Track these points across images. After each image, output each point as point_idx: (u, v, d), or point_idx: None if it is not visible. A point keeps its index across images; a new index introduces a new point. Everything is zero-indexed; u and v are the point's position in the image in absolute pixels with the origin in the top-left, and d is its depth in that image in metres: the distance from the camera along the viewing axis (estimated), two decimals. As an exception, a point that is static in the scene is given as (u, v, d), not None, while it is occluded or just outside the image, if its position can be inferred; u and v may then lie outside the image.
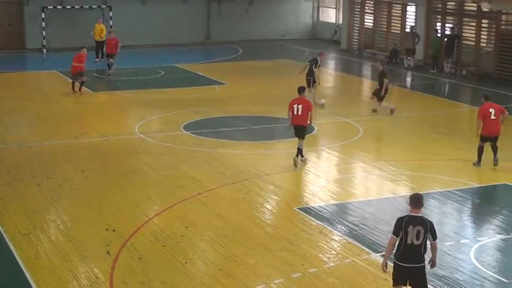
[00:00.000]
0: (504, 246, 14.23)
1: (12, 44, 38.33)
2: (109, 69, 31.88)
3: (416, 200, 10.65)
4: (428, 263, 10.80)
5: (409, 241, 10.43)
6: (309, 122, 19.19)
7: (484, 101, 19.42)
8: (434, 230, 10.58)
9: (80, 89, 27.70)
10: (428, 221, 10.58)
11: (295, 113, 18.80)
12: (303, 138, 18.92)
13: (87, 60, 28.91)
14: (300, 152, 18.82)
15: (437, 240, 10.72)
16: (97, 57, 35.14)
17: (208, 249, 13.89)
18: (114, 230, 14.52)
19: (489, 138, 18.88)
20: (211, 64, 36.19)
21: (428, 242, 10.60)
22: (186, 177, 17.95)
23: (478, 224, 15.40)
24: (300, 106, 18.80)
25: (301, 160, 18.96)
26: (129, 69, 33.30)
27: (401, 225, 10.50)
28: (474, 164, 18.96)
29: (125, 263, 13.07)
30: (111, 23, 39.32)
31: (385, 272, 10.93)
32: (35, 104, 26.94)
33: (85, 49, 28.38)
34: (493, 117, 18.83)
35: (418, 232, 10.41)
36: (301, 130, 18.93)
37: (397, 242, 10.57)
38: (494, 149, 18.95)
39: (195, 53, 39.92)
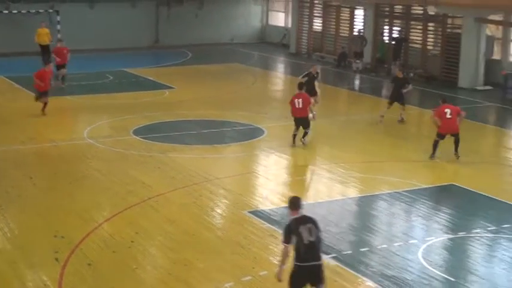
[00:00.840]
0: (451, 245, 14.43)
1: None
2: (62, 83, 30.13)
3: (295, 203, 10.82)
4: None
5: (305, 241, 10.45)
6: (311, 115, 21.65)
7: (441, 103, 20.03)
8: (318, 225, 10.75)
9: (43, 110, 25.05)
10: (312, 217, 10.81)
11: (297, 106, 20.89)
12: (307, 127, 21.08)
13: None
14: (305, 134, 21.05)
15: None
16: (45, 63, 34.78)
17: (159, 254, 13.83)
18: (62, 237, 14.37)
19: (445, 135, 19.91)
20: (160, 68, 36.06)
21: None
22: (136, 182, 17.84)
23: (425, 224, 15.56)
24: (300, 100, 20.90)
25: (302, 141, 20.91)
26: (77, 74, 32.92)
27: (292, 230, 10.55)
28: (430, 157, 19.81)
29: (74, 269, 12.94)
30: (58, 28, 38.95)
31: (280, 281, 10.68)
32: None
33: (51, 65, 27.26)
34: (448, 116, 19.57)
35: (310, 229, 10.55)
36: (302, 121, 21.04)
37: (295, 247, 10.47)
38: (456, 143, 19.77)
39: (144, 58, 39.74)
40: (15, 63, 36.42)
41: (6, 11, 38.74)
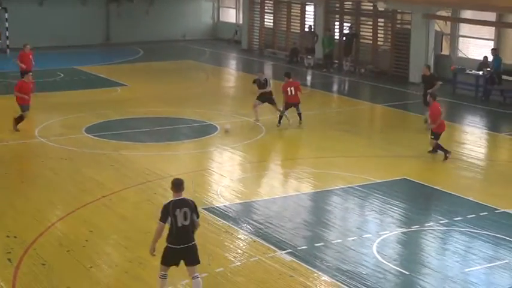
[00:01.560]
0: (405, 239, 14.57)
1: None
2: None
3: (177, 185, 11.22)
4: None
5: (179, 224, 10.95)
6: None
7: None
8: (197, 209, 11.26)
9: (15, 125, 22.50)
10: (191, 201, 11.27)
11: (289, 94, 22.99)
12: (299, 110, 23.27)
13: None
14: (300, 115, 23.34)
15: (199, 220, 11.38)
16: None
17: (114, 253, 13.74)
18: (15, 237, 14.18)
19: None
20: (111, 66, 35.80)
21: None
22: (89, 180, 17.70)
23: (379, 218, 15.67)
24: (292, 88, 23.09)
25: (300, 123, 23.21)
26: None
27: (169, 211, 11.00)
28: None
29: (28, 270, 12.78)
30: (6, 25, 38.45)
31: (153, 255, 11.24)
32: None
33: (31, 75, 24.33)
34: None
35: (185, 213, 11.00)
36: (296, 106, 23.21)
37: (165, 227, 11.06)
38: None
39: (95, 55, 39.40)
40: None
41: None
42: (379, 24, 34.23)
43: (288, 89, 23.00)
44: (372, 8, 33.85)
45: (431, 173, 18.69)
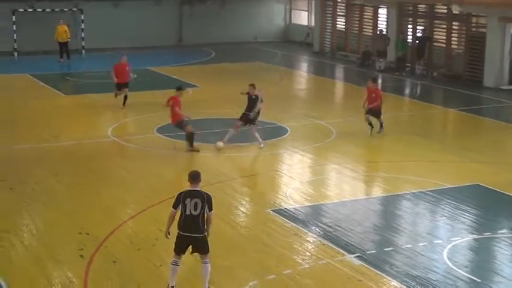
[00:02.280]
0: (476, 246, 14.35)
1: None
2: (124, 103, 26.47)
3: (193, 176, 11.78)
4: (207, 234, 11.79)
5: (187, 212, 11.47)
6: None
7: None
8: (211, 203, 11.66)
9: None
10: (206, 193, 11.69)
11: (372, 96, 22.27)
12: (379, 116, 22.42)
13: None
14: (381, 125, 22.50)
15: (214, 212, 11.78)
16: (61, 57, 35.41)
17: (183, 252, 13.87)
18: (87, 234, 14.44)
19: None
20: (184, 67, 36.16)
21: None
22: (160, 180, 17.93)
23: (450, 224, 15.48)
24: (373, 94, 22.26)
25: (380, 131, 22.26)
26: (101, 72, 33.14)
27: (180, 199, 11.59)
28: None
29: (99, 266, 13.00)
30: (82, 27, 39.17)
31: (168, 238, 11.83)
32: (6, 107, 26.73)
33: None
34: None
35: (196, 203, 11.47)
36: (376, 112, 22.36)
37: (177, 214, 11.66)
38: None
39: (167, 56, 39.85)
40: (40, 61, 36.70)
41: (31, 9, 39.00)
42: (453, 27, 33.79)
43: (370, 94, 22.54)
44: (446, 11, 33.40)
45: (505, 179, 18.30)
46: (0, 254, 13.51)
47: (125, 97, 25.29)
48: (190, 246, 11.77)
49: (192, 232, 11.59)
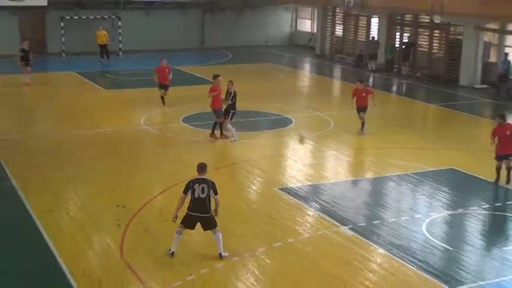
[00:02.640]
0: (450, 220, 14.43)
1: (35, 48, 37.98)
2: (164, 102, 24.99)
3: (200, 167, 12.18)
4: (213, 213, 12.09)
5: (196, 195, 11.86)
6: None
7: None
8: (215, 188, 12.02)
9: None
10: (210, 180, 12.08)
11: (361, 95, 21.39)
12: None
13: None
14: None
15: (218, 196, 12.06)
16: (101, 57, 35.59)
17: (203, 223, 13.99)
18: (123, 207, 14.59)
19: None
20: (205, 66, 36.11)
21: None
22: (183, 162, 17.98)
23: (429, 201, 15.53)
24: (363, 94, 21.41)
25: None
26: (134, 71, 33.29)
27: (190, 185, 11.97)
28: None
29: (133, 234, 13.16)
30: (119, 31, 39.25)
31: (174, 221, 12.04)
32: (56, 100, 26.92)
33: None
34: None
35: (203, 188, 11.86)
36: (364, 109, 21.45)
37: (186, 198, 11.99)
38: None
39: (191, 57, 39.80)
40: (84, 61, 36.80)
41: (76, 17, 39.08)
42: (435, 34, 33.61)
43: (359, 94, 21.58)
44: (428, 20, 33.26)
45: (475, 164, 18.31)
46: (51, 223, 13.69)
47: (162, 98, 24.80)
48: (200, 224, 12.06)
49: (200, 212, 11.93)
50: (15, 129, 21.54)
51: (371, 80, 33.24)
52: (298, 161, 18.70)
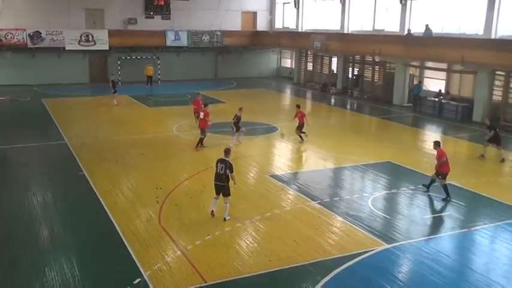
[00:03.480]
0: (388, 197, 14.32)
1: (100, 79, 38.00)
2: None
3: (225, 151, 12.42)
4: (233, 182, 12.26)
5: (217, 171, 12.21)
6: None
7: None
8: (232, 168, 12.14)
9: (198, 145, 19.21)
10: (229, 162, 12.20)
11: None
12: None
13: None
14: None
15: (234, 173, 12.19)
16: (146, 84, 35.53)
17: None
18: (161, 188, 14.47)
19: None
20: (218, 91, 36.00)
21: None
22: (203, 157, 17.88)
23: (373, 184, 15.42)
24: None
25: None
26: (169, 94, 33.09)
27: (216, 163, 12.27)
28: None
29: (167, 208, 13.04)
30: (158, 67, 39.12)
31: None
32: (114, 114, 26.73)
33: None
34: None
35: (222, 167, 12.13)
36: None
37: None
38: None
39: (208, 85, 39.68)
40: (134, 87, 36.63)
41: (129, 57, 38.94)
42: (376, 68, 33.55)
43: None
44: (371, 59, 33.21)
45: (405, 158, 18.22)
46: (110, 201, 13.56)
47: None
48: (220, 192, 12.25)
49: (219, 182, 12.20)
50: (88, 135, 21.39)
51: (332, 100, 33.16)
52: (282, 157, 18.59)
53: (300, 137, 20.39)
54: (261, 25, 44.00)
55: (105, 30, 37.39)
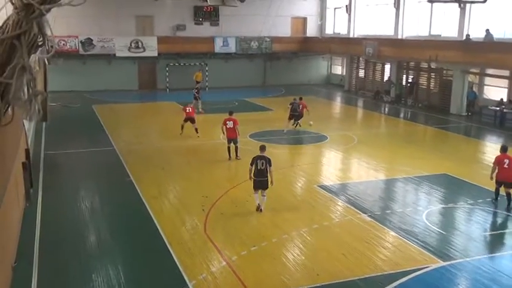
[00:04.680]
0: (444, 211, 13.89)
1: (149, 85, 38.93)
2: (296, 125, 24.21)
3: (261, 147, 13.61)
4: (271, 183, 13.22)
5: (258, 167, 13.16)
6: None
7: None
8: (271, 162, 13.22)
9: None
10: (267, 157, 13.28)
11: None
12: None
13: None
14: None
15: (272, 167, 13.25)
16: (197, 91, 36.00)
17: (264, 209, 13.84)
18: (207, 197, 14.59)
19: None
20: (266, 98, 36.14)
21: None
22: (247, 166, 17.86)
23: (428, 198, 15.02)
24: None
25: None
26: (217, 101, 33.48)
27: (254, 160, 13.23)
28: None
29: (213, 216, 13.13)
30: (207, 73, 39.65)
31: (251, 179, 13.36)
32: (161, 121, 27.28)
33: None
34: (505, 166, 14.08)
35: (263, 163, 13.14)
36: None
37: (253, 169, 13.24)
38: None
39: (256, 92, 39.88)
40: (183, 94, 37.27)
41: (177, 64, 39.73)
42: (432, 76, 32.77)
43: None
44: (427, 66, 32.46)
45: (463, 171, 17.65)
46: (156, 207, 13.79)
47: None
48: (261, 187, 13.16)
49: (261, 177, 13.14)
50: (135, 141, 21.90)
51: (386, 109, 32.57)
52: (331, 166, 18.39)
53: (297, 124, 23.33)
54: (311, 31, 43.91)
55: (154, 37, 38.37)
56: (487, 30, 27.28)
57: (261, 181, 13.12)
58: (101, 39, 37.15)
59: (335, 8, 42.49)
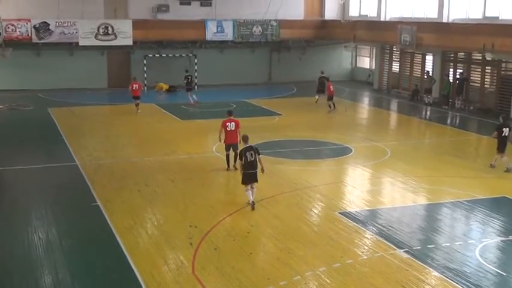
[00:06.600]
0: (503, 246, 13.86)
1: (121, 83, 38.93)
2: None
3: (245, 138, 16.00)
4: (261, 171, 15.90)
5: (249, 159, 15.52)
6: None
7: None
8: (259, 151, 15.84)
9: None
10: (255, 147, 15.86)
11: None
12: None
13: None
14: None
15: (261, 156, 15.94)
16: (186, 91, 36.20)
17: (268, 243, 13.81)
18: (195, 227, 14.61)
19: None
20: (271, 100, 36.28)
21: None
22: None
23: (482, 228, 15.00)
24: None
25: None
26: (208, 103, 33.61)
27: (243, 153, 15.58)
28: None
29: (203, 252, 13.13)
30: (195, 67, 39.84)
31: (241, 173, 15.77)
32: (137, 129, 27.39)
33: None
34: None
35: (252, 154, 15.56)
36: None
37: (243, 163, 15.51)
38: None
39: (259, 91, 40.05)
40: (164, 93, 37.44)
41: (158, 55, 39.92)
42: (486, 70, 32.88)
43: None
44: (480, 57, 32.57)
45: (528, 193, 17.67)
46: (130, 241, 13.80)
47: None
48: (253, 180, 15.63)
49: (253, 170, 15.60)
50: (104, 155, 21.99)
51: (428, 113, 32.64)
52: (357, 187, 18.41)
53: (331, 106, 28.66)
54: (331, 13, 44.16)
55: (128, 20, 38.63)
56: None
57: (253, 173, 15.51)
58: (60, 23, 37.41)
59: (361, -16, 42.83)
